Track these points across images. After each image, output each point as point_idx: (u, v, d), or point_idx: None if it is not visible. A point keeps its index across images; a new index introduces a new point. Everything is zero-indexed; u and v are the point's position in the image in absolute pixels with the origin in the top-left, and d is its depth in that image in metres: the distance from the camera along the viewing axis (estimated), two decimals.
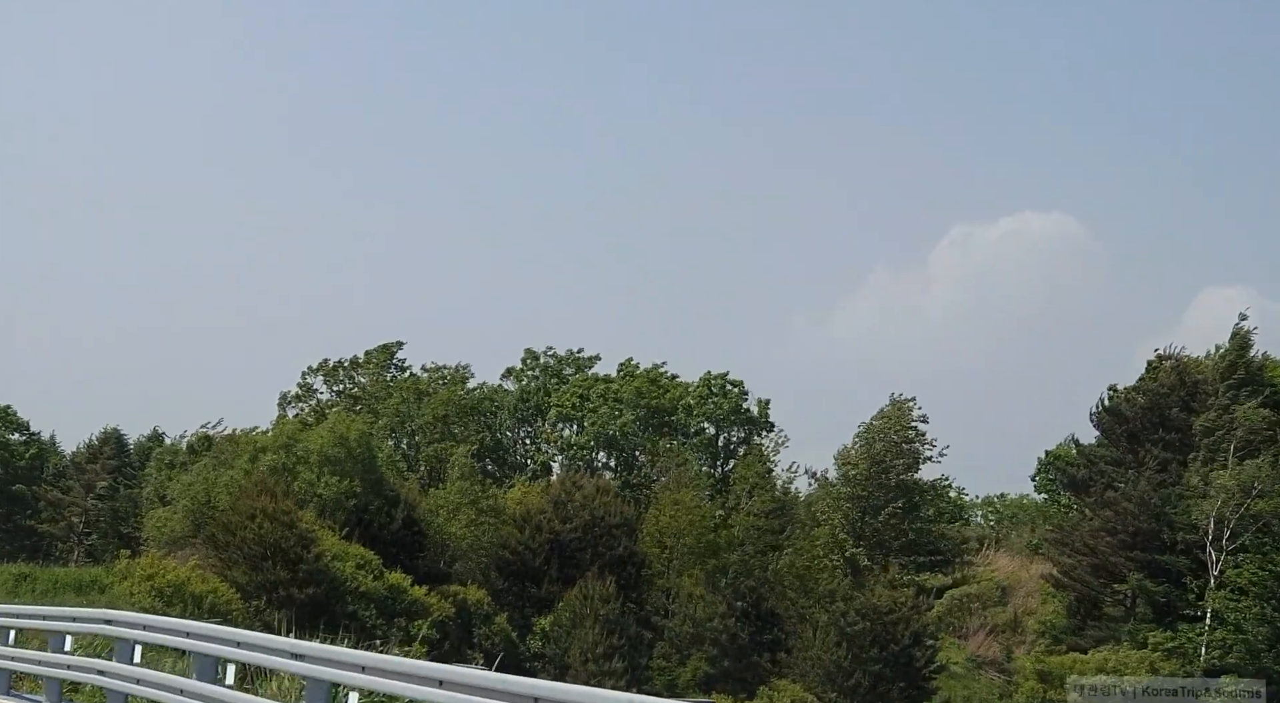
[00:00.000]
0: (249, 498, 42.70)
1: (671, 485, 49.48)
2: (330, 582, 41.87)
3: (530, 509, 47.52)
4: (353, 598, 42.00)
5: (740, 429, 67.63)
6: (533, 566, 46.64)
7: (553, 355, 73.52)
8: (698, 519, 47.29)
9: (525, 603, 46.26)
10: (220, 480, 45.20)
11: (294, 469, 45.26)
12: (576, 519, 47.09)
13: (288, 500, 42.65)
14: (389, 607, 42.46)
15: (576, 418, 68.53)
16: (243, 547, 41.81)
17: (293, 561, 41.60)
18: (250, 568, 41.68)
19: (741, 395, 67.52)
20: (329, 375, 74.83)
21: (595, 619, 43.69)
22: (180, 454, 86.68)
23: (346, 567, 42.55)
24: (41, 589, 41.04)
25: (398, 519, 45.55)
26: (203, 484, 73.53)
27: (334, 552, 42.70)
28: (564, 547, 46.91)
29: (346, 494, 44.60)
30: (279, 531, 41.69)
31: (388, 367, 74.47)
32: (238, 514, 42.48)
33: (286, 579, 41.32)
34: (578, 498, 47.61)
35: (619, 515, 47.76)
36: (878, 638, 46.56)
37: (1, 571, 43.14)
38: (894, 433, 60.88)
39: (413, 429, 65.14)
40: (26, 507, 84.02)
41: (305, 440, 46.03)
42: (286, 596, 41.17)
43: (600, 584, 44.32)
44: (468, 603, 44.35)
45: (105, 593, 41.78)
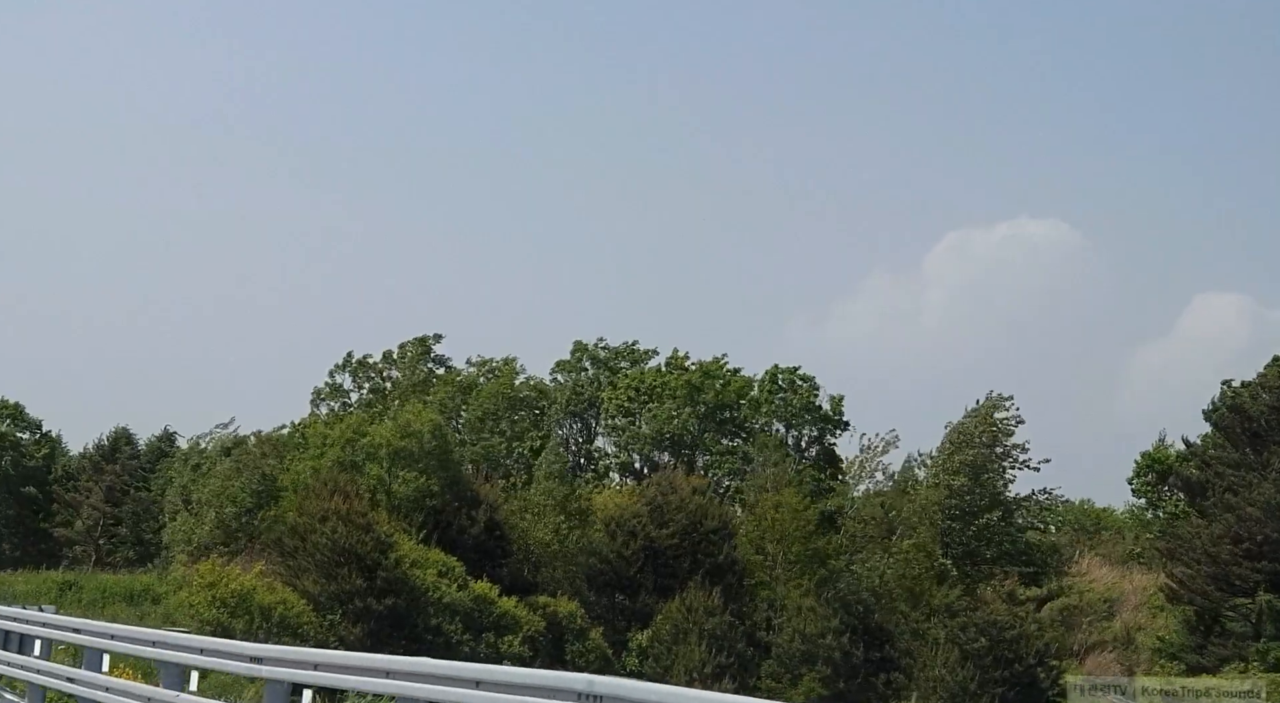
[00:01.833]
0: (318, 498, 38.25)
1: (769, 485, 44.97)
2: (410, 592, 37.46)
3: (623, 512, 43.05)
4: (435, 610, 37.60)
5: (812, 427, 63.18)
6: (626, 575, 42.22)
7: (604, 347, 69.02)
8: (801, 523, 42.88)
9: (617, 615, 41.86)
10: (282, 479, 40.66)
11: (360, 466, 40.75)
12: (673, 524, 42.67)
13: (361, 500, 38.18)
14: (475, 620, 38.07)
15: (636, 414, 64.05)
16: (314, 553, 37.39)
17: (369, 567, 37.19)
18: (322, 576, 37.26)
19: (813, 391, 63.09)
20: (357, 371, 70.39)
21: (700, 635, 39.34)
22: (208, 456, 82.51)
23: (427, 575, 38.15)
24: (89, 599, 36.63)
25: (479, 522, 41.07)
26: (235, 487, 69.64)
27: (412, 558, 38.28)
28: (659, 554, 42.52)
29: (423, 493, 40.10)
30: (354, 534, 37.26)
31: (424, 360, 70.02)
32: (306, 516, 38.03)
33: (363, 589, 36.91)
34: (673, 500, 43.18)
35: (716, 519, 43.35)
36: (1000, 657, 42.30)
37: (45, 578, 38.67)
38: (987, 436, 56.51)
39: (459, 426, 60.74)
40: (39, 509, 79.31)
41: (372, 434, 41.49)
42: (363, 607, 36.79)
43: (705, 596, 39.98)
44: (558, 616, 39.95)
45: (160, 604, 37.35)
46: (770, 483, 44.88)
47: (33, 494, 79.01)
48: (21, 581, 38.20)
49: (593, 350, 68.66)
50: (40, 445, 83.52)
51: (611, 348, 69.23)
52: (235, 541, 70.81)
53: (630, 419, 65.08)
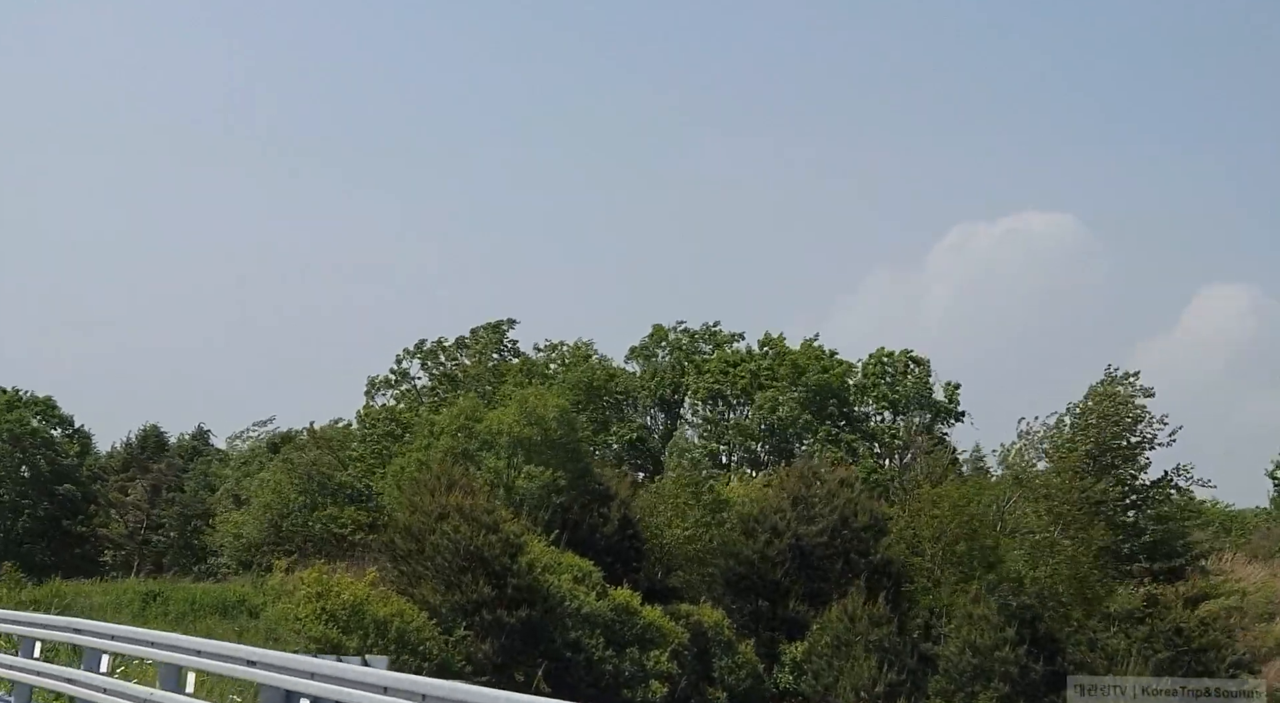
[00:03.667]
0: (434, 494, 33.36)
1: (922, 477, 40.05)
2: (544, 601, 32.61)
3: (764, 508, 38.18)
4: (574, 621, 32.75)
5: (924, 415, 58.32)
6: (771, 579, 37.35)
7: (685, 331, 64.15)
8: (964, 519, 37.97)
9: (761, 625, 37.00)
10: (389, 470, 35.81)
11: (475, 457, 35.90)
12: (821, 520, 37.81)
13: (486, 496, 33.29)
14: (617, 633, 33.23)
15: (725, 401, 59.22)
16: (433, 557, 32.52)
17: (498, 574, 32.31)
18: (443, 584, 32.40)
19: (926, 376, 58.22)
20: (427, 357, 65.64)
21: (866, 648, 34.49)
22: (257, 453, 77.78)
23: (562, 581, 33.29)
24: (177, 611, 31.75)
25: (613, 520, 36.21)
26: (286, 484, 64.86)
27: (544, 562, 33.43)
28: (806, 555, 37.67)
29: (550, 488, 35.25)
30: (480, 535, 32.37)
31: (496, 347, 65.27)
32: (422, 515, 33.15)
33: (491, 598, 32.03)
34: (819, 492, 38.31)
35: (868, 515, 38.46)
36: (1190, 671, 37.46)
37: (126, 588, 33.89)
38: (1114, 415, 51.44)
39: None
40: (75, 510, 74.40)
41: (489, 420, 36.62)
42: (493, 619, 31.93)
43: (871, 604, 35.15)
44: (703, 627, 35.13)
45: (258, 617, 32.49)
46: (924, 474, 39.94)
47: (69, 494, 74.20)
48: (99, 591, 33.39)
49: (674, 335, 63.78)
50: (73, 443, 78.79)
51: (692, 331, 64.46)
52: (288, 541, 66.39)
53: (722, 407, 60.32)
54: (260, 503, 64.59)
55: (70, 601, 31.07)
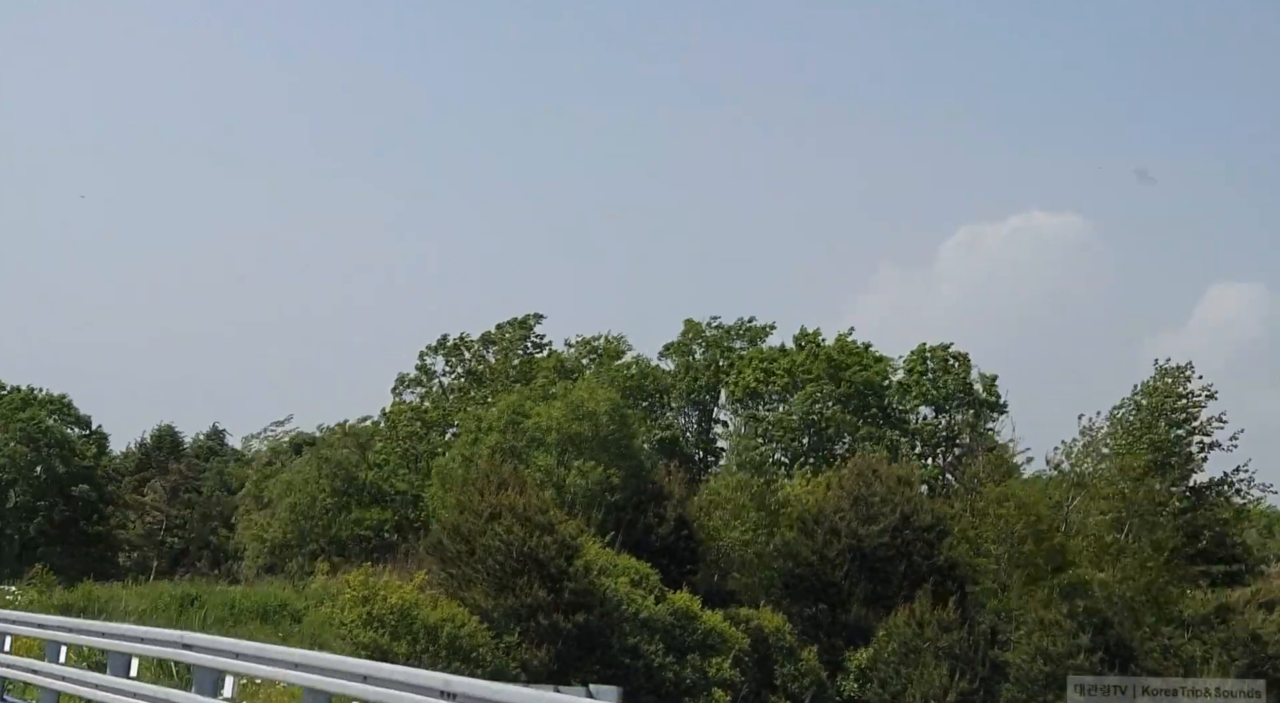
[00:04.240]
0: (484, 493, 31.72)
1: (984, 475, 38.32)
2: (601, 605, 30.97)
3: (823, 508, 36.52)
4: (632, 627, 31.11)
5: (965, 411, 56.58)
6: (831, 581, 35.69)
7: (719, 327, 62.33)
8: (1030, 520, 36.27)
9: (820, 629, 35.33)
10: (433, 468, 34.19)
11: (524, 454, 34.26)
12: (881, 520, 36.15)
13: (540, 494, 31.64)
14: (677, 638, 31.59)
15: (763, 399, 57.51)
16: (484, 559, 30.88)
17: (553, 577, 30.68)
18: (495, 588, 30.76)
19: (966, 371, 56.50)
20: (451, 354, 63.98)
21: (936, 655, 32.85)
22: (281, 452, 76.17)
23: (619, 585, 31.65)
24: (216, 616, 30.13)
25: (669, 520, 34.56)
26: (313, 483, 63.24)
27: (600, 564, 31.80)
28: (866, 557, 36.01)
29: (603, 486, 33.60)
30: (534, 536, 30.74)
31: (522, 342, 63.60)
32: (471, 515, 31.51)
33: (546, 603, 30.40)
34: (878, 491, 36.65)
35: (929, 515, 36.79)
36: (1272, 680, 35.77)
37: (161, 591, 32.27)
38: (1171, 411, 49.64)
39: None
40: (91, 511, 72.71)
41: (537, 416, 34.97)
42: (549, 625, 30.30)
43: (940, 608, 33.50)
44: (763, 632, 33.48)
45: (300, 622, 30.89)
46: (987, 472, 38.22)
47: (84, 495, 72.54)
48: (134, 595, 31.76)
49: (709, 331, 61.97)
50: (89, 443, 77.13)
51: (725, 327, 62.68)
52: (310, 541, 64.74)
53: (757, 405, 58.60)
54: (286, 503, 63.08)
55: (105, 605, 29.49)
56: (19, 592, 30.62)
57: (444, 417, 60.96)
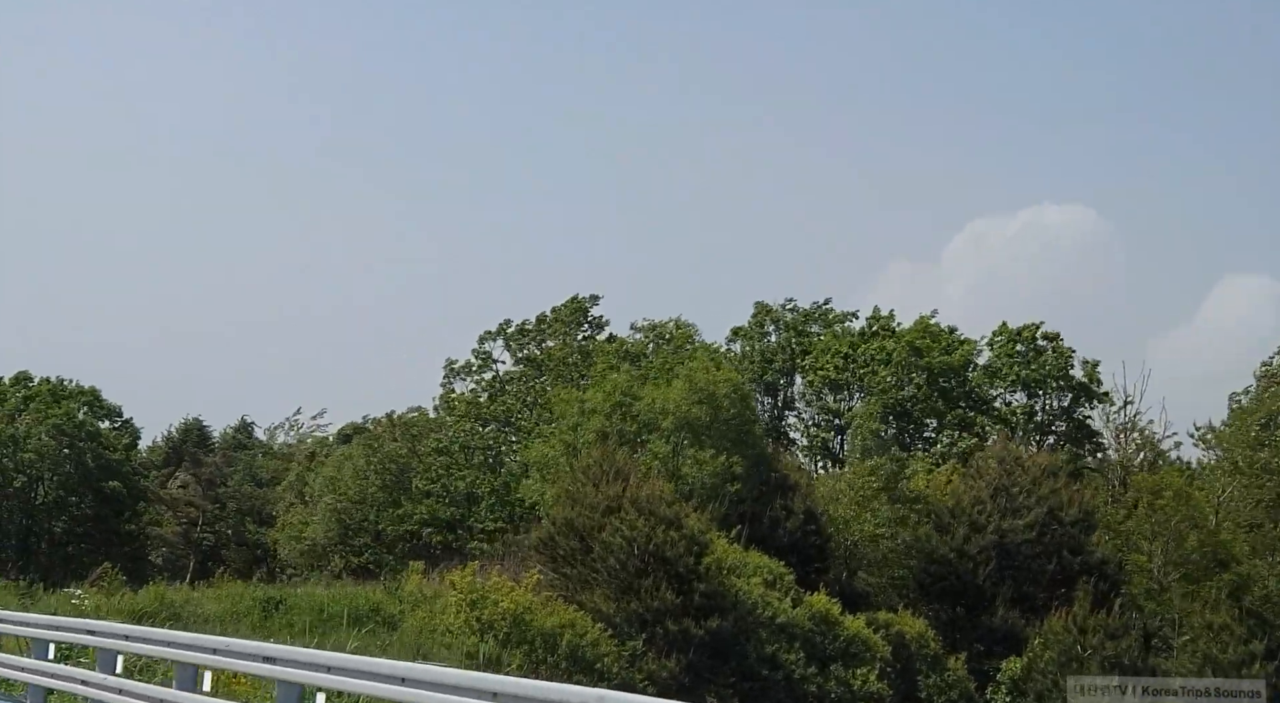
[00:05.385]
0: (599, 484, 28.22)
1: (1133, 462, 34.76)
2: (734, 609, 27.46)
3: (960, 500, 32.98)
4: (768, 634, 27.61)
5: (1062, 397, 53.01)
6: (972, 581, 32.16)
7: (793, 309, 58.82)
8: (1187, 512, 32.72)
9: (961, 634, 31.81)
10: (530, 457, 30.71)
11: (635, 440, 30.76)
12: (1026, 513, 32.61)
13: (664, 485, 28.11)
14: (818, 646, 28.08)
15: (844, 385, 54.03)
16: (604, 558, 27.37)
17: (681, 577, 27.18)
18: (616, 590, 27.26)
19: (1064, 354, 52.87)
20: (512, 339, 60.52)
21: (1102, 665, 29.29)
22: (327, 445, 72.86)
23: (752, 586, 28.15)
24: (304, 622, 26.62)
25: (797, 514, 31.04)
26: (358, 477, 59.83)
27: (728, 563, 28.29)
28: (1011, 554, 32.48)
29: (724, 476, 30.08)
30: (660, 532, 27.24)
31: (578, 326, 60.16)
32: (586, 508, 28.00)
33: (675, 606, 26.90)
34: (1021, 481, 33.11)
35: (1077, 507, 33.23)
36: None
37: (240, 594, 28.80)
38: None
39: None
40: (122, 507, 69.16)
41: (648, 399, 31.46)
42: (678, 631, 26.79)
43: (1099, 612, 29.95)
44: (905, 639, 29.97)
45: (396, 627, 27.40)
46: (1134, 458, 34.67)
47: (116, 490, 69.00)
48: (211, 598, 28.28)
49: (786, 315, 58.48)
50: (121, 435, 73.65)
51: (801, 310, 59.20)
52: (356, 536, 61.28)
53: (833, 392, 55.10)
54: (332, 498, 59.70)
55: (180, 609, 26.06)
56: (85, 595, 27.18)
57: (506, 406, 57.60)
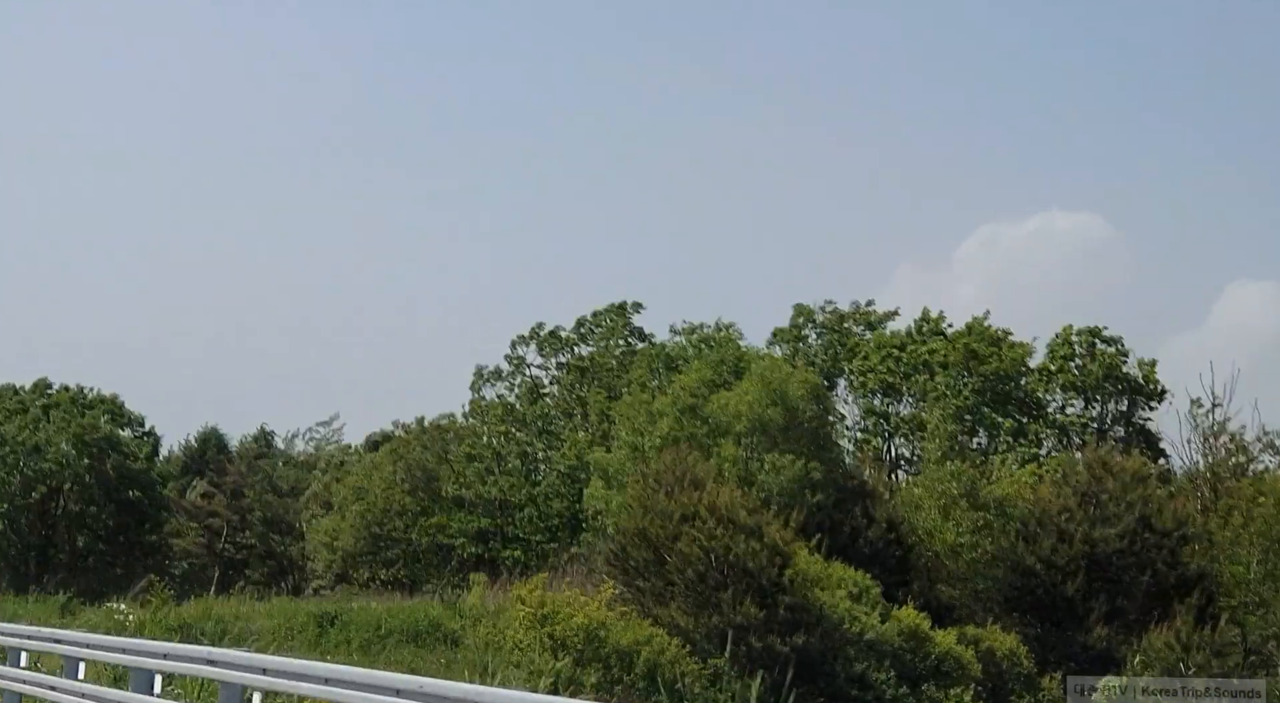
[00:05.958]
0: (672, 491, 26.40)
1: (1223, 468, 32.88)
2: (821, 625, 25.61)
3: (1046, 508, 31.09)
4: (856, 651, 25.75)
5: (1118, 401, 51.05)
6: (1063, 595, 30.25)
7: (833, 311, 56.95)
8: None
9: (1051, 651, 29.87)
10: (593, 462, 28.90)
11: (705, 443, 28.95)
12: (1118, 522, 30.69)
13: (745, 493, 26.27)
14: (908, 664, 26.21)
15: (894, 389, 52.08)
16: (682, 569, 25.54)
17: (764, 590, 25.33)
18: (694, 603, 25.43)
19: (1120, 356, 50.93)
20: (545, 343, 58.87)
21: (1212, 691, 27.33)
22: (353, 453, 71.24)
23: (838, 600, 26.29)
24: (362, 639, 24.82)
25: (880, 522, 29.19)
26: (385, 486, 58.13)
27: (811, 575, 26.44)
28: (1102, 565, 30.56)
29: (803, 483, 28.24)
30: (740, 542, 25.40)
31: (622, 332, 58.54)
32: (660, 517, 26.18)
33: (758, 621, 25.05)
34: (1111, 488, 31.21)
35: (1171, 516, 31.31)
36: None
37: (295, 609, 27.02)
38: None
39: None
40: (144, 518, 67.59)
41: (717, 401, 29.64)
42: (763, 647, 24.94)
43: (1207, 629, 28.04)
44: (995, 656, 28.09)
45: (459, 646, 25.59)
46: (1225, 463, 32.77)
47: (137, 501, 67.39)
48: (264, 613, 26.49)
49: (822, 316, 56.61)
50: (143, 444, 72.07)
51: (839, 311, 57.33)
52: (386, 547, 59.52)
53: (884, 395, 53.15)
54: (358, 508, 58.02)
55: (229, 625, 24.28)
56: (129, 609, 25.41)
57: (544, 411, 55.96)
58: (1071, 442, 52.00)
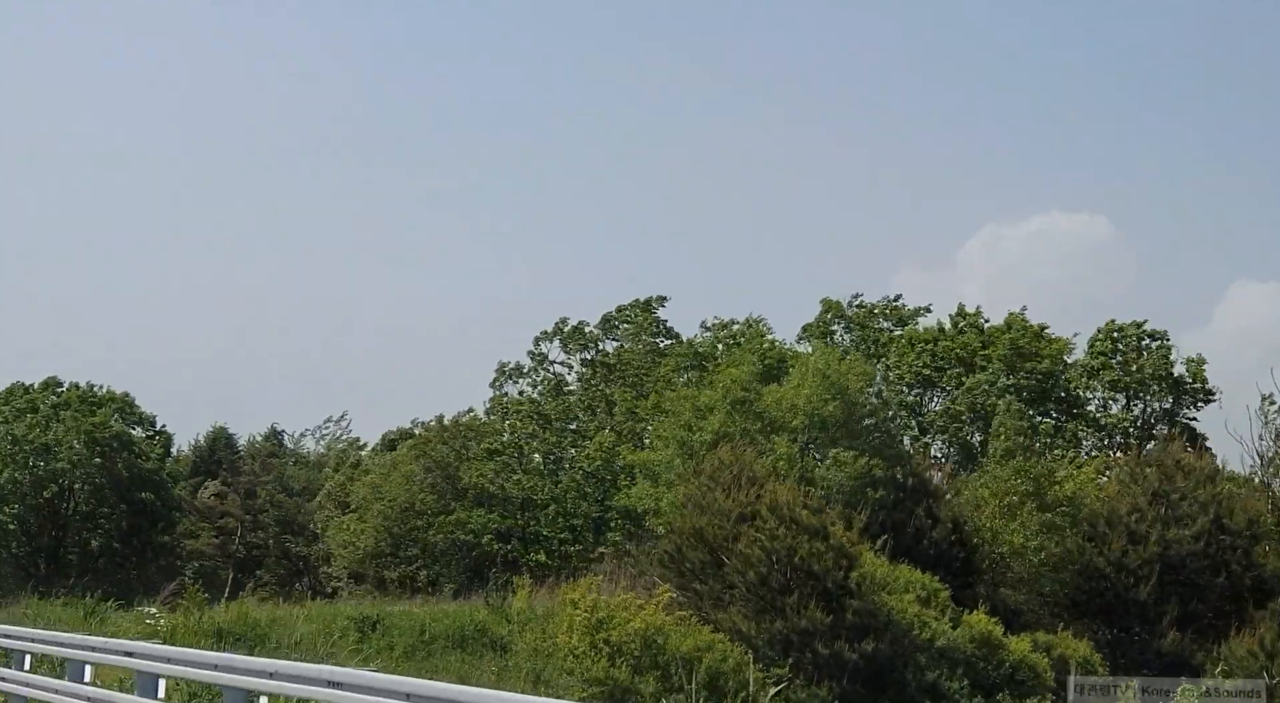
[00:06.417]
0: (730, 489, 24.93)
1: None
2: (890, 630, 24.14)
3: (1115, 507, 29.60)
4: (927, 658, 24.29)
5: (1163, 400, 49.52)
6: (1135, 599, 28.77)
7: (861, 305, 55.41)
8: None
9: (1123, 657, 28.39)
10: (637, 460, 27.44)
11: (757, 438, 27.46)
12: (1192, 523, 29.23)
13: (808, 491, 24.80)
14: (981, 672, 24.74)
15: (933, 383, 50.54)
16: (743, 571, 24.07)
17: (830, 594, 23.87)
18: (755, 608, 23.98)
19: (1165, 353, 49.40)
20: (570, 339, 57.41)
21: None
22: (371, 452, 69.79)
23: (906, 605, 24.82)
24: (406, 645, 23.35)
25: (944, 522, 27.71)
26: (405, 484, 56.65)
27: (876, 578, 24.97)
28: (1175, 568, 29.09)
29: (864, 480, 26.76)
30: (804, 543, 23.93)
31: (646, 328, 57.06)
32: (716, 516, 24.72)
33: (824, 628, 23.59)
34: (1182, 487, 29.74)
35: (1244, 516, 29.84)
36: None
37: (334, 612, 25.57)
38: None
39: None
40: (156, 518, 65.95)
41: (769, 395, 28.17)
42: (830, 655, 23.48)
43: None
44: (1067, 663, 26.59)
45: (507, 652, 24.11)
46: None
47: (149, 501, 65.77)
48: (301, 617, 25.05)
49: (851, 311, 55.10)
50: (154, 444, 70.49)
51: (868, 306, 55.83)
52: (406, 547, 58.06)
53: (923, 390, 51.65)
54: (378, 508, 56.63)
55: (266, 630, 22.84)
56: (161, 615, 23.99)
57: (567, 406, 54.56)
58: (1113, 441, 50.61)
